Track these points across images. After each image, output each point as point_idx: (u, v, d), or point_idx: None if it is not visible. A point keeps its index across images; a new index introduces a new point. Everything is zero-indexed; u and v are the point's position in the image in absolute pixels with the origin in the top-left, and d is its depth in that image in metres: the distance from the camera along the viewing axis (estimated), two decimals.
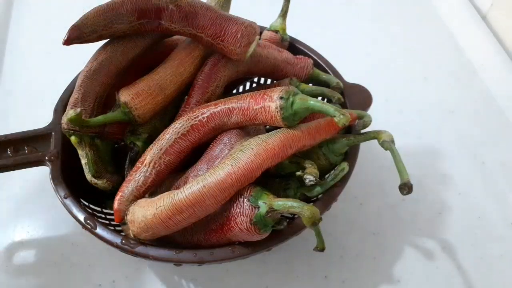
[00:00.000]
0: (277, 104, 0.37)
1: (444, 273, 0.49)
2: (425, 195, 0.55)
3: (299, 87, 0.48)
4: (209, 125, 0.41)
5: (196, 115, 0.41)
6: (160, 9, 0.43)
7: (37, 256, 0.49)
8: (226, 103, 0.40)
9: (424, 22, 0.78)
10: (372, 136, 0.42)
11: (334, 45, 0.63)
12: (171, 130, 0.41)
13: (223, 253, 0.37)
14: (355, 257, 0.50)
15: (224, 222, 0.37)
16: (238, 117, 0.40)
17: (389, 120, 0.56)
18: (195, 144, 0.41)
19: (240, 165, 0.35)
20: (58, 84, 0.48)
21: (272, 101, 0.38)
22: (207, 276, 0.48)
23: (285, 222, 0.38)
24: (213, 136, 0.42)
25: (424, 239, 0.52)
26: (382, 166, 0.57)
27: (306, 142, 0.39)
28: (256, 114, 0.39)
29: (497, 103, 0.66)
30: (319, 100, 0.38)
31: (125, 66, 0.45)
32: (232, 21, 0.43)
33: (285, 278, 0.48)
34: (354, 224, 0.53)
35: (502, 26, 0.75)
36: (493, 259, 0.50)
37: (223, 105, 0.40)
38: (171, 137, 0.40)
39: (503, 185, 0.57)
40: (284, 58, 0.50)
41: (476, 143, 0.61)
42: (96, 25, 0.42)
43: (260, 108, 0.39)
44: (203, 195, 0.35)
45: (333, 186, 0.41)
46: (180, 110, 0.45)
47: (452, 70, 0.70)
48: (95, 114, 0.43)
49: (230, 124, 0.41)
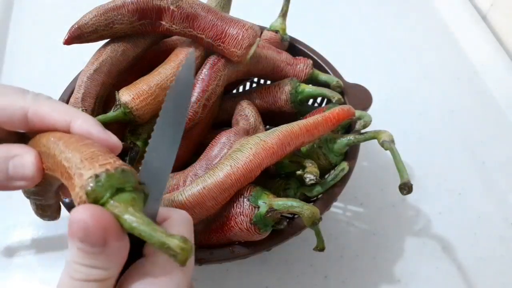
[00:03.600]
0: None
1: (444, 273, 0.49)
2: (425, 195, 0.55)
3: (299, 87, 0.48)
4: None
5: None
6: (161, 10, 0.43)
7: (37, 256, 0.49)
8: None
9: (424, 22, 0.78)
10: (372, 136, 0.42)
11: (334, 45, 0.63)
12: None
13: (223, 253, 0.37)
14: (355, 257, 0.50)
15: (224, 222, 0.37)
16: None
17: (389, 120, 0.56)
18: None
19: (239, 165, 0.35)
20: (58, 84, 0.48)
21: None
22: (207, 276, 0.48)
23: (285, 222, 0.38)
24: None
25: (424, 239, 0.52)
26: (382, 166, 0.57)
27: (304, 139, 0.39)
28: None
29: (497, 103, 0.66)
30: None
31: (125, 66, 0.45)
32: (233, 23, 0.43)
33: (285, 278, 0.48)
34: (354, 224, 0.53)
35: (502, 26, 0.75)
36: (493, 259, 0.50)
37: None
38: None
39: (503, 185, 0.57)
40: (284, 59, 0.50)
41: (476, 143, 0.61)
42: (97, 25, 0.42)
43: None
44: (203, 197, 0.35)
45: (333, 186, 0.41)
46: None
47: (452, 70, 0.70)
48: (95, 114, 0.43)
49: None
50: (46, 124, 0.27)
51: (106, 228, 0.21)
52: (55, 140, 0.25)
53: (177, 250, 0.20)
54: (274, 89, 0.49)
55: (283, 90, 0.48)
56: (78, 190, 0.22)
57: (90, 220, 0.21)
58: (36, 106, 0.27)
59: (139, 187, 0.23)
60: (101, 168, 0.22)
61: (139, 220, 0.21)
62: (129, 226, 0.21)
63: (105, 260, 0.21)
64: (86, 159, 0.22)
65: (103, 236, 0.21)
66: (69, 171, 0.23)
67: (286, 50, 0.53)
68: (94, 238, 0.21)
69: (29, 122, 0.27)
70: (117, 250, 0.21)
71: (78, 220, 0.21)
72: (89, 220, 0.21)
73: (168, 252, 0.20)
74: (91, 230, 0.21)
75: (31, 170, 0.25)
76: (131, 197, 0.22)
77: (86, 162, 0.22)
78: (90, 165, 0.22)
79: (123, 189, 0.22)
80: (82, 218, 0.21)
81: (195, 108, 0.43)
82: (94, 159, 0.22)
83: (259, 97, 0.49)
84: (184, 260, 0.20)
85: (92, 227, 0.21)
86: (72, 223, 0.21)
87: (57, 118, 0.26)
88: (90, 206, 0.21)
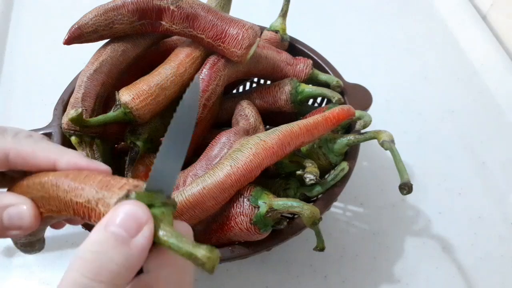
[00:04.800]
0: None
1: (444, 273, 0.49)
2: (425, 195, 0.55)
3: (299, 87, 0.48)
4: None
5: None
6: (161, 10, 0.43)
7: (37, 256, 0.49)
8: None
9: (424, 22, 0.78)
10: (372, 136, 0.42)
11: (334, 45, 0.63)
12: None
13: (223, 253, 0.37)
14: (355, 257, 0.50)
15: (224, 222, 0.37)
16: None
17: (389, 120, 0.56)
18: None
19: (239, 165, 0.35)
20: (58, 84, 0.48)
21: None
22: (207, 276, 0.48)
23: (285, 222, 0.38)
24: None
25: (424, 239, 0.52)
26: (382, 166, 0.57)
27: (304, 139, 0.39)
28: None
29: (497, 103, 0.66)
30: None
31: (125, 66, 0.45)
32: (233, 23, 0.43)
33: (285, 278, 0.48)
34: (354, 224, 0.53)
35: (502, 26, 0.75)
36: (493, 259, 0.50)
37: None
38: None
39: (503, 185, 0.57)
40: (284, 59, 0.50)
41: (476, 143, 0.61)
42: (97, 25, 0.42)
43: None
44: (203, 197, 0.35)
45: (333, 186, 0.41)
46: None
47: (452, 70, 0.71)
48: (95, 114, 0.43)
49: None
50: (30, 164, 0.26)
51: (144, 223, 0.22)
52: (51, 182, 0.25)
53: (204, 259, 0.22)
54: (274, 89, 0.49)
55: (283, 90, 0.48)
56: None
57: (140, 209, 0.22)
58: (17, 147, 0.26)
59: (168, 202, 0.24)
60: (122, 191, 0.23)
61: (169, 234, 0.22)
62: (161, 239, 0.22)
63: (125, 253, 0.21)
64: (101, 188, 0.23)
65: (138, 228, 0.21)
66: (87, 204, 0.23)
67: (286, 50, 0.53)
68: (132, 224, 0.21)
69: (11, 163, 0.26)
70: (140, 249, 0.22)
71: (128, 206, 0.22)
72: (139, 210, 0.22)
73: (196, 262, 0.22)
74: (135, 216, 0.21)
75: (28, 220, 0.25)
76: (161, 212, 0.23)
77: (103, 191, 0.23)
78: (110, 192, 0.23)
79: (153, 205, 0.23)
80: (135, 206, 0.22)
81: None
82: (108, 186, 0.23)
83: (259, 97, 0.49)
84: (212, 268, 0.22)
85: (137, 217, 0.21)
86: (122, 208, 0.22)
87: (41, 157, 0.26)
88: (137, 202, 0.22)
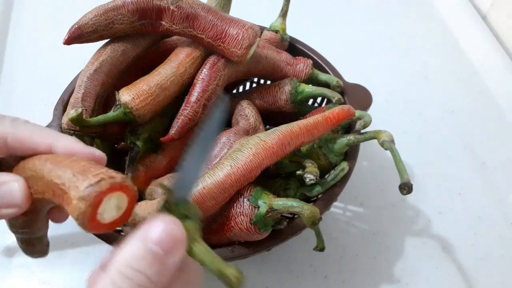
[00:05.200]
0: None
1: (444, 273, 0.49)
2: (425, 195, 0.55)
3: (299, 87, 0.48)
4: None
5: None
6: (161, 10, 0.43)
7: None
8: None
9: (424, 22, 0.78)
10: (372, 136, 0.42)
11: (334, 45, 0.63)
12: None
13: (223, 253, 0.37)
14: (355, 257, 0.50)
15: (224, 222, 0.37)
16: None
17: (389, 120, 0.56)
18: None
19: (239, 165, 0.35)
20: (58, 84, 0.48)
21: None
22: (207, 276, 0.48)
23: (285, 222, 0.38)
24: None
25: (424, 239, 0.52)
26: (382, 166, 0.57)
27: (304, 139, 0.39)
28: None
29: (497, 103, 0.66)
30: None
31: (125, 66, 0.45)
32: (233, 23, 0.43)
33: (285, 278, 0.48)
34: (354, 224, 0.53)
35: (502, 26, 0.75)
36: (493, 259, 0.50)
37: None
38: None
39: (503, 185, 0.57)
40: (284, 59, 0.50)
41: (476, 143, 0.61)
42: (97, 25, 0.42)
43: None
44: (203, 197, 0.35)
45: (333, 186, 0.41)
46: (180, 110, 0.45)
47: (452, 70, 0.70)
48: (95, 114, 0.43)
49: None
50: (28, 148, 0.27)
51: (180, 242, 0.22)
52: (41, 162, 0.25)
53: (233, 279, 0.23)
54: (274, 89, 0.49)
55: (283, 90, 0.48)
56: (76, 202, 0.22)
57: (177, 227, 0.22)
58: (15, 132, 0.27)
59: (196, 212, 0.24)
60: (95, 178, 0.23)
61: (202, 249, 0.23)
62: (194, 254, 0.23)
63: (159, 271, 0.21)
64: (78, 172, 0.23)
65: (174, 247, 0.22)
66: (62, 187, 0.23)
67: (286, 50, 0.53)
68: (169, 243, 0.22)
69: (9, 148, 0.27)
70: (173, 268, 0.22)
71: (166, 223, 0.22)
72: (176, 228, 0.22)
73: (224, 280, 0.23)
74: (172, 235, 0.22)
75: (19, 196, 0.25)
76: (193, 224, 0.24)
77: (78, 175, 0.23)
78: (84, 177, 0.23)
79: (187, 216, 0.24)
80: (172, 224, 0.22)
81: (195, 108, 0.43)
82: (86, 171, 0.23)
83: (259, 97, 0.49)
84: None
85: (174, 236, 0.22)
86: (157, 224, 0.22)
87: (38, 141, 0.27)
88: (174, 219, 0.22)
